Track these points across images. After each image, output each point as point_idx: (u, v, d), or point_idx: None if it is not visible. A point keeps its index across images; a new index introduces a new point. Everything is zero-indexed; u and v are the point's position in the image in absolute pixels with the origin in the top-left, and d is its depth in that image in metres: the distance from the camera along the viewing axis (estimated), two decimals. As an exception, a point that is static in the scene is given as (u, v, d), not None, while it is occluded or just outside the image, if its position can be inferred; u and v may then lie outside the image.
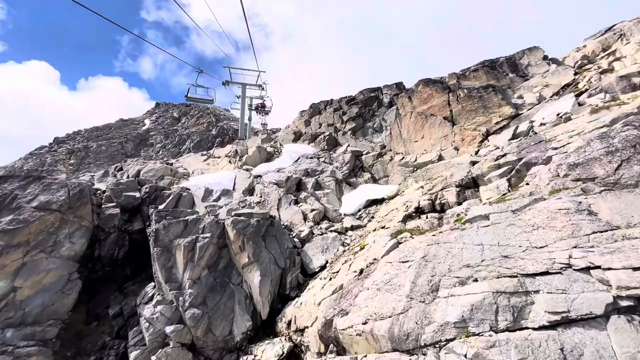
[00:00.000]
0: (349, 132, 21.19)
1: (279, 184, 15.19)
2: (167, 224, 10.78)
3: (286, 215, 13.35)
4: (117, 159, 74.38)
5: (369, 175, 17.24)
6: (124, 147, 75.32)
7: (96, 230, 11.85)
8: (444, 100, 15.86)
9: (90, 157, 71.94)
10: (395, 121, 18.23)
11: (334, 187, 15.73)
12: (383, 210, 12.95)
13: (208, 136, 75.37)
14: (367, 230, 12.26)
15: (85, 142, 78.44)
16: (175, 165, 19.23)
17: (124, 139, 79.25)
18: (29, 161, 72.30)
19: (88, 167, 67.78)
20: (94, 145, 76.46)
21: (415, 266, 6.73)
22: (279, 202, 13.88)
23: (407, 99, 17.67)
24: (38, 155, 74.53)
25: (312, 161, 17.66)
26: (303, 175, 16.32)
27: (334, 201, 14.98)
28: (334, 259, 10.74)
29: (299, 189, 15.63)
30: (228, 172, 16.45)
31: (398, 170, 16.09)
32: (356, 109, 21.62)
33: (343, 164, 17.83)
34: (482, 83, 15.89)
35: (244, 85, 20.53)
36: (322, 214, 13.96)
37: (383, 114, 20.65)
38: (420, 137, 16.49)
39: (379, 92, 22.55)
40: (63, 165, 70.46)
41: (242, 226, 10.82)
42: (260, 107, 31.74)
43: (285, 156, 18.63)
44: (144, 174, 16.19)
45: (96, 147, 75.92)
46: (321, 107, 25.80)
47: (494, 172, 9.11)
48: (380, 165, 17.06)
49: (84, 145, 76.99)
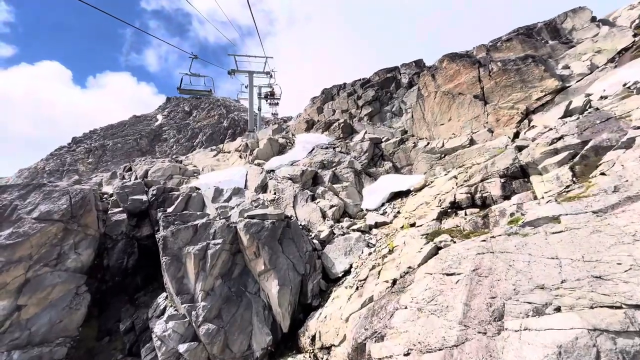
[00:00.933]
0: (365, 117, 19.66)
1: (294, 178, 14.06)
2: (175, 231, 9.91)
3: (303, 214, 12.26)
4: (133, 156, 75.52)
5: (390, 164, 15.82)
6: (138, 143, 76.19)
7: (103, 239, 11.17)
8: (474, 77, 14.05)
9: (107, 155, 73.26)
10: (417, 103, 16.55)
11: (353, 179, 14.46)
12: (410, 204, 11.62)
13: (220, 128, 75.04)
14: (394, 227, 11.02)
15: (101, 141, 79.91)
16: (184, 162, 18.42)
17: (138, 136, 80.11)
18: (50, 162, 74.45)
19: (106, 165, 69.17)
20: (110, 144, 77.73)
21: (465, 282, 5.49)
22: (295, 199, 12.78)
23: (429, 77, 15.91)
24: (58, 156, 76.63)
25: (327, 152, 16.38)
26: (319, 167, 15.11)
27: (354, 195, 13.75)
28: (359, 263, 9.61)
29: (315, 183, 14.46)
30: (239, 168, 15.45)
31: (423, 157, 14.59)
32: (372, 92, 19.97)
33: (361, 153, 16.46)
34: (518, 54, 13.92)
35: (251, 74, 19.25)
36: (342, 210, 12.79)
37: (402, 95, 18.93)
38: (446, 120, 14.82)
39: (396, 72, 20.72)
40: (82, 164, 72.18)
41: (255, 230, 9.81)
42: (270, 96, 30.22)
43: (299, 147, 17.42)
44: (152, 174, 15.42)
45: (112, 145, 77.15)
46: (334, 93, 24.20)
47: (549, 159, 7.58)
48: (403, 153, 15.58)
49: (101, 143, 78.43)
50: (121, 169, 18.10)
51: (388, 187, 13.43)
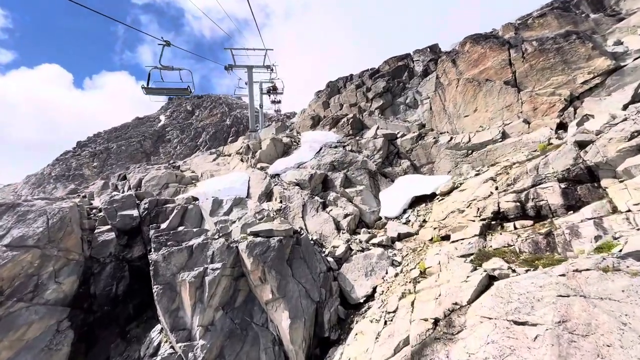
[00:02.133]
0: (376, 111, 17.97)
1: (301, 184, 12.54)
2: (167, 254, 8.52)
3: (314, 225, 10.76)
4: (137, 158, 74.92)
5: (408, 162, 14.18)
6: (142, 145, 75.50)
7: (89, 262, 9.85)
8: (503, 60, 12.25)
9: (112, 158, 72.76)
10: (435, 93, 14.81)
11: (368, 182, 12.88)
12: (437, 210, 10.02)
13: (223, 127, 73.84)
14: (421, 239, 9.47)
15: (105, 144, 79.42)
16: (182, 168, 17.04)
17: (142, 138, 79.39)
18: (56, 167, 74.31)
19: (111, 168, 68.65)
20: (114, 146, 77.18)
21: (550, 340, 3.94)
22: (304, 208, 11.29)
23: (450, 63, 14.12)
24: (64, 161, 76.47)
25: (337, 151, 14.79)
26: (329, 170, 13.55)
27: (370, 200, 12.19)
28: (384, 286, 8.10)
29: (325, 187, 12.93)
30: (240, 174, 13.98)
31: (446, 154, 12.91)
32: (382, 83, 18.24)
33: (374, 151, 14.84)
34: (554, 31, 12.05)
35: (250, 69, 17.68)
36: (357, 219, 11.26)
37: (416, 85, 17.19)
38: (472, 110, 13.08)
39: (408, 60, 18.93)
40: (87, 168, 71.82)
41: (260, 251, 8.36)
42: (272, 90, 28.50)
43: (305, 147, 15.86)
44: (145, 183, 14.07)
45: (116, 147, 76.59)
46: (340, 85, 22.49)
47: (632, 158, 5.91)
48: (422, 150, 13.92)
49: (105, 147, 77.96)
50: (115, 177, 16.80)
51: (408, 191, 11.83)
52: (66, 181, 69.31)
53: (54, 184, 67.15)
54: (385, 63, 20.01)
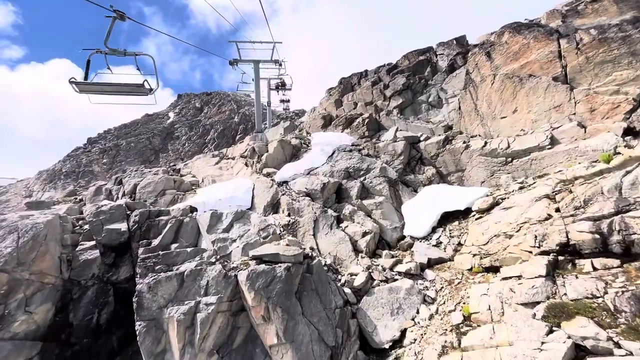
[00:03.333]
0: (394, 110, 16.30)
1: (313, 194, 11.02)
2: (153, 283, 7.12)
3: (328, 245, 9.24)
4: (146, 155, 74.78)
5: (433, 170, 12.50)
6: (151, 142, 75.26)
7: (69, 285, 8.58)
8: (551, 52, 10.42)
9: (121, 155, 72.72)
10: (465, 91, 13.04)
11: (388, 193, 11.27)
12: (475, 232, 8.36)
13: (231, 124, 73.01)
14: (458, 268, 7.84)
15: (115, 141, 79.55)
16: (183, 171, 15.73)
17: (151, 134, 79.20)
18: (67, 163, 74.71)
19: (120, 165, 68.47)
20: (124, 143, 77.23)
21: None
22: (315, 224, 9.77)
23: (483, 56, 12.32)
24: (74, 157, 76.85)
25: (352, 155, 13.20)
26: (343, 177, 11.98)
27: (391, 214, 10.59)
28: (416, 332, 6.53)
29: (339, 198, 11.39)
30: (244, 181, 12.55)
31: (479, 162, 11.19)
32: (402, 79, 16.52)
33: (394, 157, 13.19)
34: (613, 17, 10.16)
35: (256, 63, 16.20)
36: (377, 237, 9.69)
37: (441, 82, 15.42)
38: (510, 111, 11.30)
39: (430, 54, 17.13)
40: (97, 165, 72.03)
41: (263, 283, 6.89)
42: (281, 87, 27.16)
43: (316, 151, 14.30)
44: (140, 189, 12.77)
45: (125, 144, 76.58)
46: (354, 82, 20.83)
47: None
48: (450, 156, 12.20)
49: (115, 143, 78.08)
50: (112, 181, 15.60)
51: (436, 204, 10.17)
52: (76, 177, 69.66)
53: (64, 180, 67.42)
54: (405, 57, 18.24)
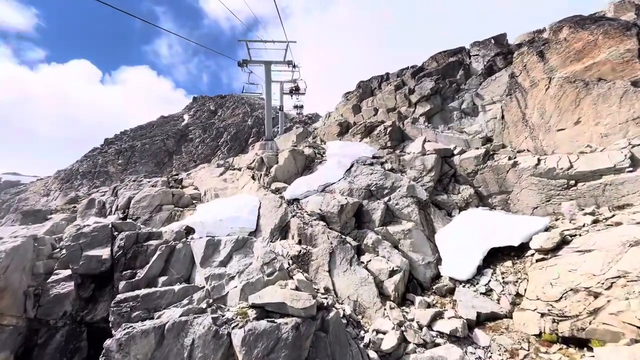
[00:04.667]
0: (421, 118, 14.45)
1: (328, 218, 9.31)
2: (124, 340, 5.56)
3: (346, 287, 7.49)
4: (160, 157, 75.32)
5: (471, 190, 10.57)
6: (165, 144, 75.82)
7: (35, 325, 7.17)
8: (628, 51, 8.40)
9: (135, 156, 73.46)
10: (510, 97, 11.08)
11: (418, 217, 9.43)
12: (539, 280, 6.43)
13: (244, 127, 72.63)
14: (520, 331, 5.94)
15: (131, 142, 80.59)
16: (185, 181, 14.34)
17: (165, 136, 79.90)
18: (84, 163, 76.14)
19: (134, 166, 69.18)
20: (139, 144, 78.10)
21: None
22: (331, 257, 8.04)
23: (534, 57, 10.36)
24: (91, 157, 78.34)
25: (373, 170, 11.43)
26: (364, 197, 10.23)
27: (423, 245, 8.74)
28: None
29: (359, 222, 9.63)
30: (249, 198, 10.98)
31: (531, 183, 9.21)
32: (430, 83, 14.68)
33: (423, 172, 11.34)
34: None
35: (268, 65, 14.72)
36: (406, 276, 7.87)
37: (476, 87, 13.49)
38: (571, 122, 9.29)
39: (463, 55, 15.22)
40: (112, 165, 72.90)
41: (264, 349, 5.22)
42: (295, 91, 26.17)
43: (332, 163, 12.62)
44: (135, 204, 11.40)
45: (140, 145, 77.42)
46: (373, 86, 19.09)
47: None
48: (491, 174, 10.26)
49: (130, 145, 79.11)
50: (108, 191, 14.39)
51: (480, 237, 8.27)
52: (92, 177, 70.70)
53: (81, 180, 68.47)
54: (432, 59, 16.37)
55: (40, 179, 78.17)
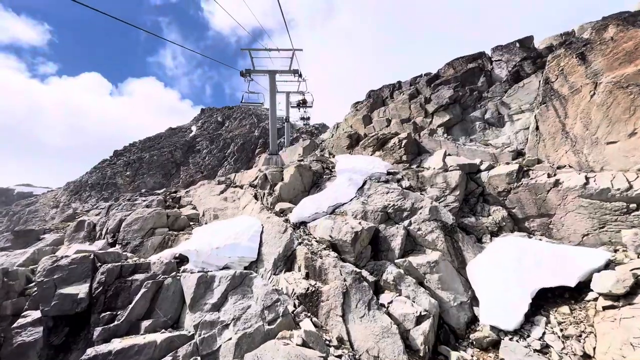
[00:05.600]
0: (439, 129, 13.23)
1: (340, 247, 8.06)
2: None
3: (364, 337, 6.16)
4: (168, 168, 75.43)
5: (503, 212, 9.20)
6: (173, 155, 76.10)
7: (-7, 383, 6.02)
8: (694, 49, 7.08)
9: (143, 168, 73.76)
10: (546, 105, 9.78)
11: (444, 245, 8.09)
12: (613, 339, 5.03)
13: (251, 138, 72.54)
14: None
15: (139, 153, 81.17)
16: (183, 200, 13.30)
17: (173, 147, 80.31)
18: (93, 175, 76.72)
19: (142, 178, 69.35)
20: (147, 156, 78.54)
21: None
22: (345, 298, 6.74)
23: (573, 59, 9.10)
24: (100, 169, 79.00)
25: (389, 188, 10.17)
26: (380, 220, 8.97)
27: (452, 280, 7.38)
28: None
29: (376, 251, 8.34)
30: (250, 221, 9.82)
31: (580, 206, 7.82)
32: (448, 91, 13.49)
33: (446, 191, 10.03)
34: None
35: (272, 74, 13.78)
36: (437, 322, 6.51)
37: (500, 94, 12.23)
38: (624, 134, 7.93)
39: (483, 61, 14.03)
40: (121, 177, 73.18)
41: None
42: (302, 104, 25.89)
43: (342, 180, 11.42)
44: (125, 227, 10.35)
45: (148, 157, 77.83)
46: (385, 95, 18.00)
47: None
48: (528, 193, 8.89)
49: (138, 156, 79.64)
50: (104, 210, 13.41)
51: (523, 272, 6.88)
52: (100, 189, 70.97)
53: (89, 192, 68.79)
54: (449, 66, 15.21)
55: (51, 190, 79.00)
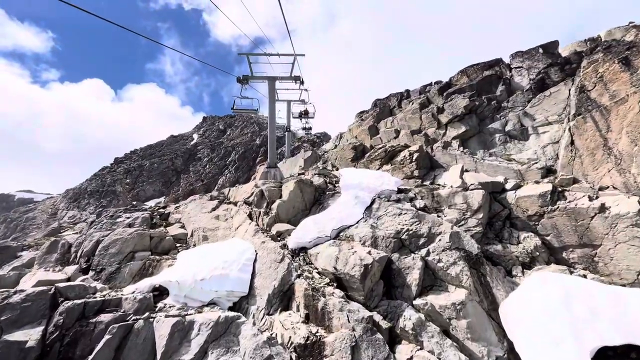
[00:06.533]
0: (453, 142, 12.06)
1: (347, 281, 6.78)
2: None
3: (378, 410, 4.83)
4: (168, 176, 74.60)
5: (536, 239, 7.92)
6: (174, 163, 75.48)
7: None
8: None
9: (144, 176, 73.09)
10: (584, 117, 8.59)
11: (470, 282, 6.79)
12: None
13: (252, 146, 71.89)
14: None
15: (140, 161, 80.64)
16: (172, 216, 12.08)
17: (174, 155, 79.83)
18: (92, 182, 75.93)
19: (142, 186, 68.60)
20: (147, 164, 77.99)
21: None
22: (354, 354, 5.42)
23: (616, 65, 7.95)
24: (100, 177, 78.31)
25: (401, 209, 8.91)
26: (393, 248, 7.69)
27: (484, 327, 6.07)
28: None
29: (388, 285, 7.05)
30: (243, 245, 8.56)
31: (634, 237, 6.54)
32: (463, 100, 12.37)
33: (467, 213, 8.77)
34: None
35: (272, 81, 12.74)
36: (468, 385, 5.17)
37: (523, 104, 11.08)
38: (685, 152, 6.71)
39: (501, 67, 12.96)
40: (120, 185, 72.29)
41: None
42: (304, 114, 25.28)
43: (347, 197, 10.19)
44: (102, 250, 9.11)
45: (149, 165, 77.26)
46: (392, 104, 16.92)
47: None
48: (567, 219, 7.62)
49: (139, 164, 79.11)
50: (85, 226, 12.20)
51: (577, 325, 5.57)
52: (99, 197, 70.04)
53: (88, 200, 67.91)
54: (462, 73, 14.14)
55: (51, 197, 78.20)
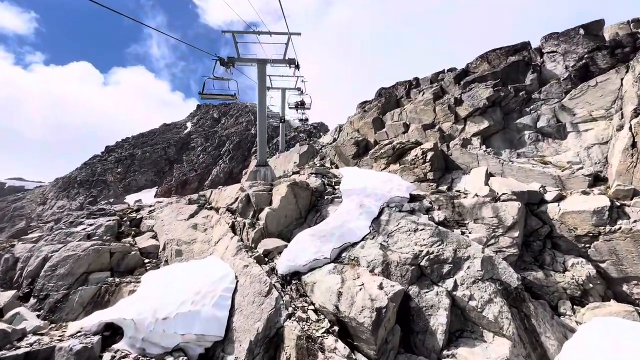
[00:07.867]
0: (473, 139, 10.35)
1: (353, 328, 5.13)
2: None
3: None
4: (160, 165, 72.56)
5: (589, 267, 6.33)
6: (166, 152, 73.40)
7: None
8: None
9: (135, 165, 71.11)
10: (645, 113, 6.90)
11: (512, 326, 5.19)
12: None
13: (247, 136, 69.74)
14: None
15: (131, 150, 78.50)
16: (144, 222, 10.29)
17: (167, 144, 77.71)
18: (82, 171, 73.74)
19: (133, 175, 66.71)
20: (139, 152, 75.93)
21: None
22: None
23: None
24: (90, 165, 76.18)
25: (417, 224, 7.25)
26: (410, 278, 6.04)
27: (535, 395, 4.49)
28: None
29: (405, 330, 5.43)
30: (220, 269, 6.85)
31: None
32: (485, 90, 10.58)
33: (497, 229, 7.13)
34: None
35: (262, 64, 10.74)
36: None
37: (559, 96, 9.35)
38: None
39: (530, 52, 11.15)
40: (111, 174, 70.12)
41: None
42: (300, 105, 23.47)
43: (350, 205, 8.49)
44: (49, 270, 7.35)
45: (141, 154, 75.22)
46: (399, 94, 15.05)
47: None
48: (630, 243, 6.01)
49: (130, 152, 77.07)
50: (50, 227, 10.39)
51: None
52: (89, 187, 68.15)
53: (78, 189, 66.00)
54: (482, 59, 12.29)
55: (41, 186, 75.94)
